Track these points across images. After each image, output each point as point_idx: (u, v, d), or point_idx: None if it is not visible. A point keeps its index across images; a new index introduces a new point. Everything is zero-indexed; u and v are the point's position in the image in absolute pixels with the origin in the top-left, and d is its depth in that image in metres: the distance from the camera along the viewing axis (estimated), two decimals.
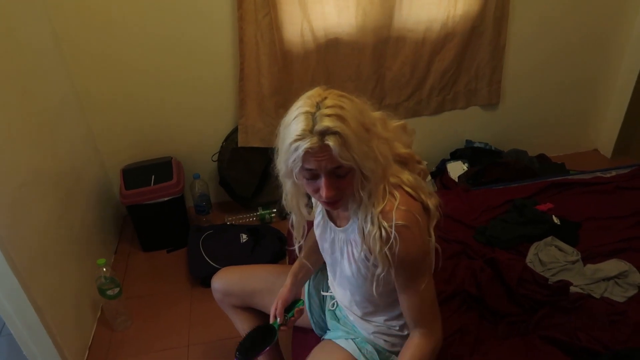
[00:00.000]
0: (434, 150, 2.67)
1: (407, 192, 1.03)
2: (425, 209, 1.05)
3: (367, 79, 2.35)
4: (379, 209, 1.00)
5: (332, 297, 1.35)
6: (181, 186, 2.21)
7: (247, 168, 2.41)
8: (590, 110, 2.77)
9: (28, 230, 1.58)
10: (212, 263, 2.10)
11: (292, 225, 1.18)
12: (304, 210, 1.16)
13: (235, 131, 2.36)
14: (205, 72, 2.26)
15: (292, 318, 1.28)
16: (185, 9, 2.09)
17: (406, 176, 1.05)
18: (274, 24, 2.10)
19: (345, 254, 1.13)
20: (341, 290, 1.26)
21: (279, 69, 2.21)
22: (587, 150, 2.89)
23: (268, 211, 2.45)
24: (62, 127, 1.98)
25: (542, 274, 1.54)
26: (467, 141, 2.70)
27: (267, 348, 1.22)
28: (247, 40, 2.13)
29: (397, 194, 1.02)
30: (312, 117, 0.91)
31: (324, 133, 0.90)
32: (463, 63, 2.43)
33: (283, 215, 2.46)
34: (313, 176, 0.96)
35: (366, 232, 1.02)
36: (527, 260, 1.62)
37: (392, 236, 0.98)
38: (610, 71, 2.61)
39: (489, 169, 2.39)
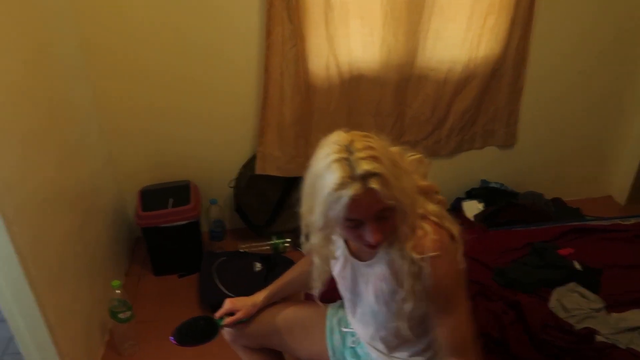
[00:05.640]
0: (449, 188, 2.67)
1: (434, 222, 1.04)
2: (452, 236, 1.05)
3: (387, 115, 2.38)
4: (411, 243, 1.00)
5: (353, 334, 1.33)
6: (198, 211, 2.20)
7: (262, 196, 2.41)
8: (604, 157, 2.78)
9: (47, 247, 1.56)
10: (224, 290, 2.07)
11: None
12: (332, 260, 1.17)
13: (253, 159, 2.37)
14: (227, 103, 2.29)
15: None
16: (211, 43, 2.14)
17: (431, 207, 1.06)
18: (300, 56, 2.14)
19: (370, 289, 1.12)
20: (362, 326, 1.24)
21: (302, 99, 2.23)
22: (601, 196, 2.88)
23: (282, 240, 2.43)
24: (84, 147, 2.00)
25: (565, 320, 1.52)
26: (483, 181, 2.70)
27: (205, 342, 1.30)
28: (272, 70, 2.17)
29: (426, 225, 1.02)
30: (347, 162, 0.89)
31: (365, 177, 0.88)
32: (482, 104, 2.46)
33: (297, 245, 2.44)
34: (356, 225, 0.95)
35: (398, 266, 1.01)
36: (550, 305, 1.60)
37: (425, 269, 0.98)
38: (625, 120, 2.64)
39: (505, 210, 2.39)
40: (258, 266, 2.17)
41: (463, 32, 2.24)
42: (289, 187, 2.42)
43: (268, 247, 2.44)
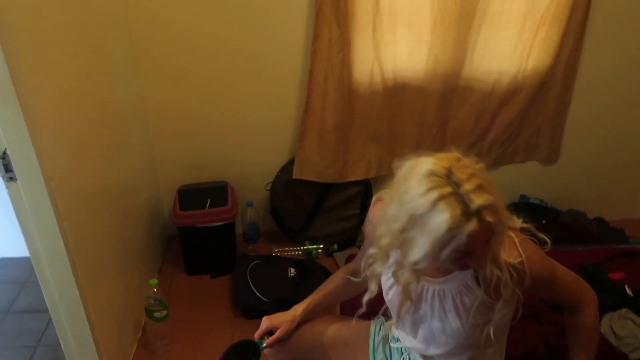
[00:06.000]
0: None
1: None
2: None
3: (430, 125, 2.33)
4: (503, 252, 0.99)
5: (401, 351, 1.28)
6: (235, 212, 2.19)
7: (298, 200, 2.39)
8: None
9: (91, 242, 1.56)
10: (257, 294, 2.05)
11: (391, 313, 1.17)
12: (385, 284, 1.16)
13: (291, 162, 2.35)
14: (268, 107, 2.29)
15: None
16: (257, 50, 2.15)
17: None
18: (345, 61, 2.11)
19: (449, 305, 1.08)
20: (425, 345, 1.19)
21: (344, 105, 2.20)
22: None
23: (315, 246, 2.40)
24: (128, 146, 2.01)
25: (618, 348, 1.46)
26: (522, 196, 2.63)
27: None
28: (316, 74, 2.14)
29: (509, 232, 1.01)
30: (457, 198, 0.84)
31: (479, 211, 0.84)
32: (527, 117, 2.40)
33: (329, 252, 2.41)
34: (463, 255, 0.92)
35: (492, 277, 0.99)
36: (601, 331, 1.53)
37: (525, 271, 1.00)
38: None
39: (547, 228, 2.31)
40: (292, 272, 2.15)
41: (513, 43, 2.19)
42: (325, 193, 2.40)
43: (300, 252, 2.41)
